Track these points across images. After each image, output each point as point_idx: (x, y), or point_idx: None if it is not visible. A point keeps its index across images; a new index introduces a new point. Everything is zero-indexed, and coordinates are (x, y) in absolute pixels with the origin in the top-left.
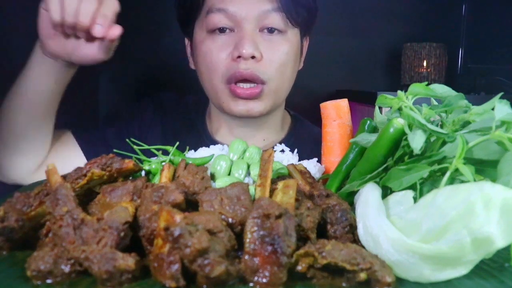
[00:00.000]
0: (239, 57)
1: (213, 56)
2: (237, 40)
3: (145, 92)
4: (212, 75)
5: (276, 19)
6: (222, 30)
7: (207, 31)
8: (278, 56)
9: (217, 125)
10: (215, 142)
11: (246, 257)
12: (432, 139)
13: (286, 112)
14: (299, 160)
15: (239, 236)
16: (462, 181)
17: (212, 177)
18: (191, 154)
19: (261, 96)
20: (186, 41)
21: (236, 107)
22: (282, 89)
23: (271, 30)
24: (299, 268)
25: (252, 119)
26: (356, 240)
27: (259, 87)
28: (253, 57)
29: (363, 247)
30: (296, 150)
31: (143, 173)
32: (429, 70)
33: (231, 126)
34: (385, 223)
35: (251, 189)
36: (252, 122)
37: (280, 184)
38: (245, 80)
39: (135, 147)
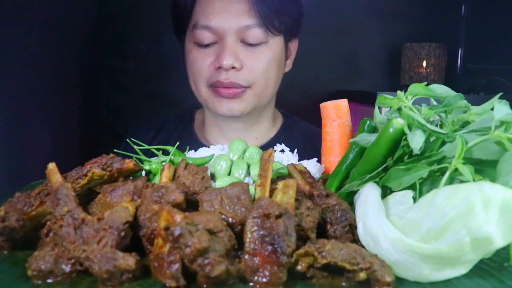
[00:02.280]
0: (220, 67)
1: (198, 65)
2: (219, 52)
3: (145, 91)
4: (197, 80)
5: (257, 33)
6: (206, 44)
7: (193, 42)
8: (260, 64)
9: (210, 129)
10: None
11: (246, 256)
12: (432, 139)
13: (276, 110)
14: (299, 159)
15: (239, 236)
16: (462, 181)
17: (212, 177)
18: (191, 154)
19: (243, 96)
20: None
21: (220, 107)
22: (266, 93)
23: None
24: (299, 267)
25: (242, 120)
26: (356, 240)
27: (241, 89)
28: (233, 67)
29: (363, 246)
30: (296, 150)
31: (143, 173)
32: (428, 70)
33: (223, 129)
34: (384, 223)
35: (251, 189)
36: (243, 123)
37: (280, 184)
38: (226, 87)
39: (135, 147)
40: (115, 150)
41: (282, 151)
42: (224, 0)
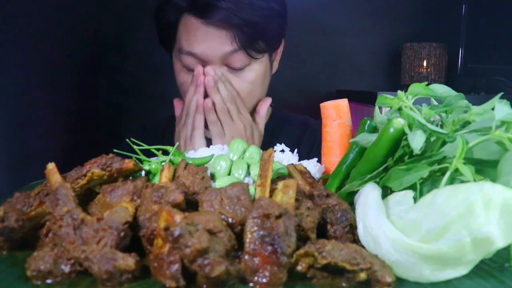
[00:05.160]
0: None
1: (187, 88)
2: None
3: (144, 91)
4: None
5: (239, 58)
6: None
7: (181, 64)
8: (244, 87)
9: None
10: None
11: (246, 257)
12: (432, 139)
13: None
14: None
15: (239, 236)
16: (462, 181)
17: (212, 177)
18: (191, 154)
19: None
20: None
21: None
22: (253, 106)
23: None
24: (299, 268)
25: None
26: (356, 240)
27: None
28: None
29: (363, 247)
30: (296, 150)
31: (143, 173)
32: (429, 70)
33: None
34: (385, 223)
35: (251, 189)
36: None
37: (280, 184)
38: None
39: (135, 147)
40: (114, 150)
41: (282, 151)
42: (206, 28)
